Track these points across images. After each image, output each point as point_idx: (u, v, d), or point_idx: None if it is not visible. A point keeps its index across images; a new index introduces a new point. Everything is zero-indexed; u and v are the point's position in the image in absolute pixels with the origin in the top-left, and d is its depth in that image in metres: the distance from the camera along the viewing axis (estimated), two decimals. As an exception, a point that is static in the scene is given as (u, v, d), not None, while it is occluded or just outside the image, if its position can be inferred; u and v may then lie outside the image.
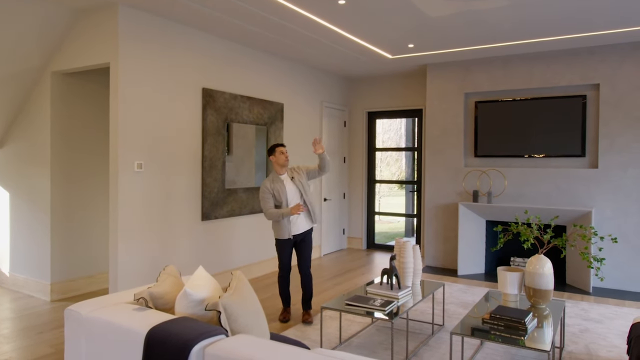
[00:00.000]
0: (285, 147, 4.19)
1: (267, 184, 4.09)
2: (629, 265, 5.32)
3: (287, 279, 4.25)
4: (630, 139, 5.31)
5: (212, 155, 5.07)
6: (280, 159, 4.12)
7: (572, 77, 5.61)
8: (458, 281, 5.71)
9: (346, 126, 7.84)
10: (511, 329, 2.84)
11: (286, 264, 4.20)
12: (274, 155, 4.16)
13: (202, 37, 4.97)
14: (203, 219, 4.99)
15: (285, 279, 4.24)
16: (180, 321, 2.09)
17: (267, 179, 4.14)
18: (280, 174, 4.17)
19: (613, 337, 3.82)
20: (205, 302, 2.29)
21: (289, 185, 4.16)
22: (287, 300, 4.31)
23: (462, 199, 6.26)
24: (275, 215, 4.04)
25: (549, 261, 3.28)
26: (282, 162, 4.13)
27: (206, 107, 4.99)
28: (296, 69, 6.53)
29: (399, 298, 3.46)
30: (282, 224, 4.12)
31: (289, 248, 4.19)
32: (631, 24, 4.68)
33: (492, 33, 5.04)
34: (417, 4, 4.15)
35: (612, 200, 5.40)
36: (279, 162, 4.13)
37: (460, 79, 6.30)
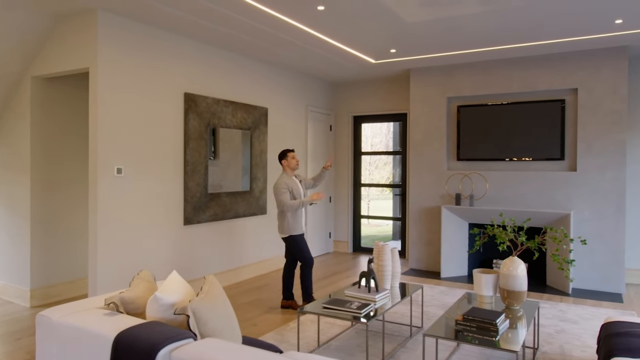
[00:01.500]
0: (294, 151, 4.65)
1: (285, 180, 4.51)
2: (606, 266, 5.40)
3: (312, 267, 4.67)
4: (607, 142, 5.40)
5: (194, 159, 5.08)
6: (292, 163, 4.57)
7: (551, 81, 5.70)
8: (441, 283, 5.76)
9: (332, 130, 7.88)
10: (483, 330, 2.88)
11: (311, 256, 4.61)
12: (286, 159, 4.58)
13: (183, 42, 5.00)
14: (185, 224, 5.00)
15: (312, 267, 4.64)
16: (149, 325, 2.11)
17: (282, 178, 4.54)
18: (293, 176, 4.64)
19: (588, 337, 3.88)
20: (175, 306, 2.31)
21: (300, 187, 4.66)
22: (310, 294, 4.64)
23: (445, 202, 6.32)
24: (297, 204, 4.43)
25: (522, 263, 3.33)
26: (293, 165, 4.59)
27: (188, 111, 5.01)
28: (280, 73, 6.57)
29: (376, 301, 3.49)
30: (298, 219, 4.53)
31: (305, 241, 4.63)
32: (606, 31, 4.77)
33: (471, 38, 5.11)
34: (394, 10, 4.20)
35: (590, 203, 5.48)
36: (290, 166, 4.58)
37: (443, 84, 6.37)
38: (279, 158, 4.65)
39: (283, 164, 4.61)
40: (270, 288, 5.51)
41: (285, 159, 4.59)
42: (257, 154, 6.05)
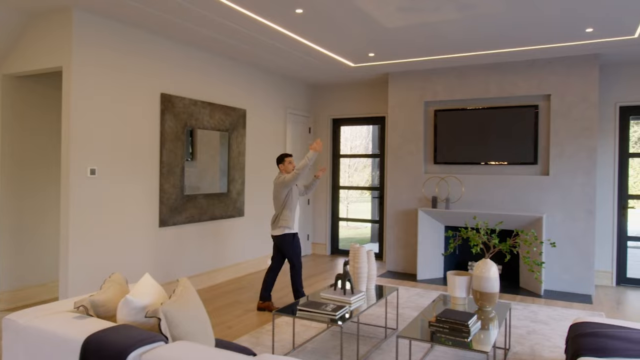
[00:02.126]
0: (292, 157, 4.77)
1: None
2: (577, 268, 5.53)
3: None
4: (578, 147, 5.54)
5: (170, 160, 5.03)
6: (288, 167, 4.69)
7: (525, 87, 5.83)
8: (417, 285, 5.82)
9: (311, 132, 7.90)
10: (455, 331, 2.93)
11: (300, 256, 4.69)
12: (283, 164, 4.72)
13: (160, 42, 4.95)
14: (160, 226, 4.94)
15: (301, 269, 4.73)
16: (119, 329, 2.08)
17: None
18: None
19: (557, 338, 3.97)
20: (147, 309, 2.28)
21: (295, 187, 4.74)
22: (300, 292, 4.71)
23: (422, 205, 6.39)
24: (303, 163, 4.43)
25: (494, 265, 3.40)
26: (289, 170, 4.70)
27: (165, 112, 4.96)
28: (259, 75, 6.56)
29: (352, 303, 3.51)
30: (294, 220, 4.64)
31: (297, 240, 4.70)
32: (577, 39, 4.90)
33: (448, 44, 5.19)
34: (373, 14, 4.24)
35: (561, 206, 5.61)
36: (287, 170, 4.70)
37: (420, 88, 6.45)
38: (277, 161, 4.80)
39: (280, 168, 4.75)
40: (246, 291, 5.48)
41: (283, 164, 4.73)
42: (235, 156, 6.02)
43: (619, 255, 5.92)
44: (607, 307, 4.98)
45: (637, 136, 10.84)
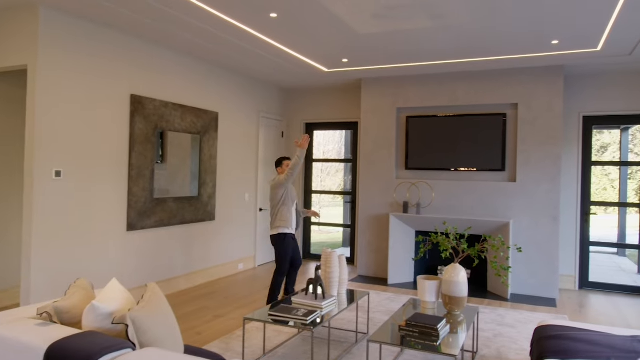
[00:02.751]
0: (290, 160, 4.79)
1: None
2: (542, 272, 5.69)
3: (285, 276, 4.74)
4: (543, 155, 5.72)
5: (140, 163, 4.93)
6: (285, 170, 4.70)
7: (494, 96, 5.98)
8: (388, 290, 5.87)
9: (284, 137, 7.88)
10: (425, 335, 2.96)
11: (288, 262, 4.68)
12: (281, 167, 4.80)
13: (131, 42, 4.86)
14: (128, 230, 4.84)
15: (284, 275, 4.71)
16: (85, 336, 2.02)
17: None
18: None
19: (523, 341, 4.07)
20: (114, 315, 2.23)
21: (294, 190, 4.81)
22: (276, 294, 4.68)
23: (393, 210, 6.46)
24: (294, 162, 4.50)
25: (463, 270, 3.46)
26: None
27: (134, 114, 4.86)
28: (231, 78, 6.51)
29: (323, 307, 3.51)
30: (289, 220, 4.62)
31: (290, 242, 4.67)
32: (543, 50, 5.06)
33: (420, 52, 5.28)
34: (347, 21, 4.28)
35: (527, 212, 5.77)
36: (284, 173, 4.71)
37: (393, 94, 6.53)
38: (275, 164, 4.90)
39: (278, 171, 4.84)
40: (216, 296, 5.41)
41: (280, 167, 4.82)
42: (206, 159, 5.95)
43: (581, 260, 6.12)
44: (570, 311, 5.14)
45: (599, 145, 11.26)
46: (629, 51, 5.01)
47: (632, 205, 7.53)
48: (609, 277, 6.86)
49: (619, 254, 9.02)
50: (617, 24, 4.19)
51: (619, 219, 8.69)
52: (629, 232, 8.67)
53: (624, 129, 8.21)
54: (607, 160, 9.98)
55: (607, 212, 12.63)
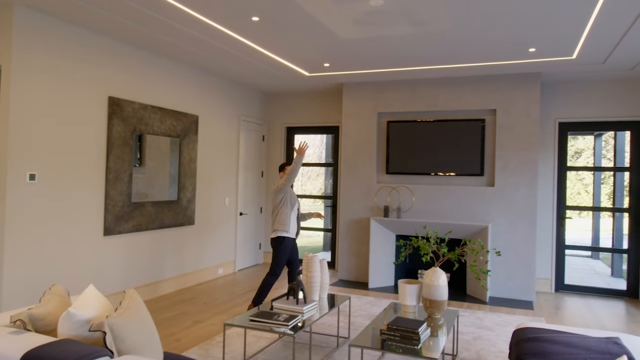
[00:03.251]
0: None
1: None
2: (520, 275, 5.78)
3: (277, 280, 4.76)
4: (521, 160, 5.82)
5: (117, 166, 4.85)
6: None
7: (473, 102, 6.07)
8: (368, 294, 5.88)
9: (264, 140, 7.85)
10: (406, 339, 2.97)
11: (283, 265, 4.71)
12: (283, 172, 4.90)
13: (109, 44, 4.78)
14: (105, 234, 4.74)
15: (276, 279, 4.72)
16: (60, 344, 1.97)
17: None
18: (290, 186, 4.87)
19: (502, 343, 4.13)
20: (91, 322, 2.17)
21: (295, 195, 4.89)
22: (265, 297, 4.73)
23: (374, 214, 6.48)
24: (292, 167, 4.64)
25: (443, 273, 3.49)
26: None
27: (112, 116, 4.78)
28: (212, 81, 6.46)
29: (304, 312, 3.50)
30: (288, 224, 4.70)
31: (289, 249, 4.74)
32: (521, 57, 5.16)
33: (401, 58, 5.33)
34: (328, 25, 4.29)
35: (505, 217, 5.86)
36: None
37: (374, 99, 6.57)
38: (279, 169, 5.04)
39: (280, 175, 4.95)
40: (196, 301, 5.34)
41: (283, 172, 4.92)
42: (186, 163, 5.88)
43: (557, 263, 6.25)
44: (547, 313, 5.23)
45: (573, 150, 11.53)
46: (603, 60, 5.14)
47: (605, 210, 7.75)
48: (584, 280, 7.02)
49: (593, 257, 9.24)
50: (591, 33, 4.30)
51: (593, 223, 8.91)
52: (602, 235, 8.90)
53: (598, 135, 8.44)
54: (581, 166, 10.23)
55: (582, 216, 12.93)
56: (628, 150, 6.13)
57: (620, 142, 6.91)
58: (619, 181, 7.34)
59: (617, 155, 7.01)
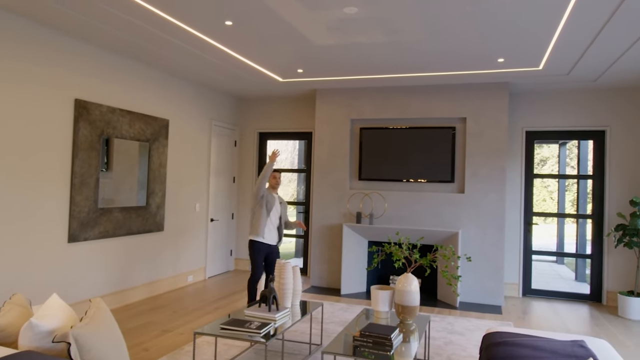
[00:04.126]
0: (278, 172, 4.99)
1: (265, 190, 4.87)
2: (489, 280, 5.89)
3: (257, 282, 4.84)
4: (490, 168, 5.95)
5: (83, 171, 4.70)
6: (271, 182, 4.97)
7: (444, 110, 6.17)
8: (341, 300, 5.88)
9: (237, 146, 7.78)
10: (379, 345, 2.97)
11: (260, 268, 4.83)
12: (271, 178, 4.98)
13: (77, 46, 4.65)
14: (70, 241, 4.58)
15: (256, 281, 4.84)
16: (21, 356, 1.89)
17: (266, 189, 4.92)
18: (272, 193, 4.95)
19: (472, 347, 4.18)
20: (54, 333, 2.09)
21: (276, 203, 4.95)
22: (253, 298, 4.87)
23: (347, 220, 6.50)
24: (263, 172, 4.76)
25: (415, 279, 3.51)
26: (272, 184, 4.97)
27: (79, 119, 4.64)
28: (184, 85, 6.37)
29: (277, 320, 3.46)
30: (260, 228, 4.78)
31: (263, 252, 4.83)
32: (490, 67, 5.29)
33: (374, 65, 5.37)
34: (302, 31, 4.29)
35: (475, 223, 5.97)
36: (270, 184, 4.98)
37: (347, 106, 6.60)
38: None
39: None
40: (164, 309, 5.22)
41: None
42: (155, 168, 5.76)
43: (524, 268, 6.39)
44: (515, 317, 5.34)
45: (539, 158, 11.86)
46: (567, 71, 5.32)
47: (569, 216, 7.97)
48: (550, 285, 7.21)
49: (558, 262, 9.51)
50: (557, 46, 4.45)
51: (558, 229, 9.18)
52: (567, 241, 9.18)
53: (562, 144, 8.72)
54: (547, 173, 10.53)
55: (547, 222, 13.31)
56: (591, 159, 6.34)
57: (583, 151, 7.15)
58: (583, 188, 7.59)
59: (580, 164, 7.25)
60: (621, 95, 6.09)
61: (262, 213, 4.79)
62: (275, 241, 4.94)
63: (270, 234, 4.85)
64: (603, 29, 3.96)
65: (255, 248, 4.78)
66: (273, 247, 4.91)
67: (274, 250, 4.93)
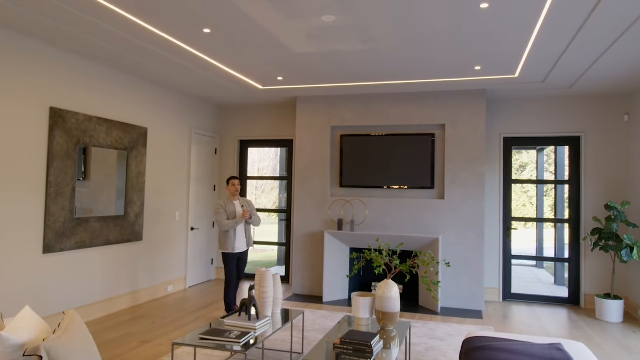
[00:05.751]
0: (237, 179, 5.31)
1: (220, 202, 5.19)
2: (469, 286, 5.94)
3: (233, 286, 5.25)
4: (469, 174, 6.02)
5: (59, 180, 4.61)
6: (231, 189, 5.28)
7: (423, 117, 6.24)
8: (323, 308, 5.86)
9: (217, 154, 7.73)
10: (359, 352, 2.97)
11: (232, 273, 5.22)
12: (228, 186, 5.31)
13: (51, 52, 4.58)
14: (45, 252, 4.48)
15: (231, 285, 5.23)
16: (-11, 371, 1.83)
17: (220, 200, 5.22)
18: (233, 200, 5.27)
19: (453, 352, 4.20)
20: (26, 346, 2.03)
21: (239, 208, 5.25)
22: (230, 305, 5.25)
23: (328, 227, 6.50)
24: (230, 224, 5.08)
25: (395, 285, 3.52)
26: (232, 191, 5.27)
27: (54, 128, 4.56)
28: (162, 93, 6.32)
29: (257, 328, 3.43)
30: (229, 241, 5.13)
31: (233, 260, 5.21)
32: (467, 75, 5.37)
33: (353, 73, 5.41)
34: (281, 39, 4.30)
35: (455, 228, 6.02)
36: (230, 191, 5.29)
37: (327, 113, 6.62)
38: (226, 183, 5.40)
39: (227, 188, 5.35)
40: (143, 320, 5.13)
41: (227, 186, 5.33)
42: (133, 176, 5.68)
43: (504, 272, 6.47)
44: (495, 322, 5.39)
45: (518, 164, 12.05)
46: (542, 78, 5.43)
47: (547, 221, 8.13)
48: (529, 289, 7.30)
49: (537, 266, 9.65)
50: (532, 54, 4.54)
51: (537, 234, 9.32)
52: (546, 245, 9.32)
53: (540, 150, 8.88)
54: (526, 179, 10.71)
55: (527, 227, 13.50)
56: (567, 164, 6.47)
57: (560, 157, 7.30)
58: (560, 193, 7.74)
59: (557, 169, 7.39)
60: (596, 102, 6.24)
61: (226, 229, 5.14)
62: (245, 248, 5.31)
63: (239, 242, 5.22)
64: (575, 37, 4.06)
65: (228, 259, 5.20)
66: (243, 253, 5.32)
67: (244, 255, 5.36)
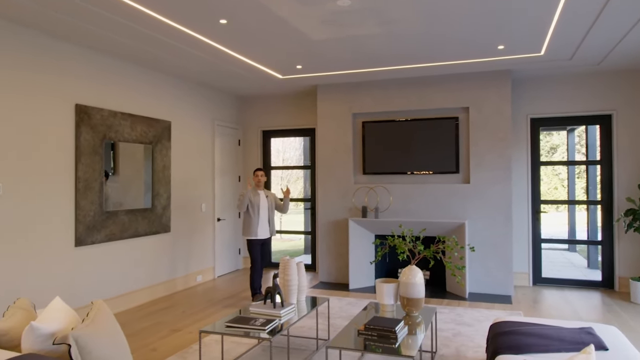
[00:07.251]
0: (261, 171, 5.57)
1: (247, 193, 5.43)
2: (498, 270, 5.84)
3: (259, 271, 5.50)
4: (495, 157, 5.89)
5: (87, 176, 4.74)
6: (254, 180, 5.54)
7: (445, 100, 6.12)
8: (349, 295, 5.87)
9: (240, 145, 7.79)
10: (384, 338, 2.96)
11: (256, 259, 5.48)
12: (255, 176, 5.56)
13: (75, 51, 4.68)
14: (77, 245, 4.62)
15: (257, 271, 5.48)
16: (23, 359, 1.90)
17: (248, 191, 5.46)
18: (257, 191, 5.53)
19: (480, 338, 4.15)
20: (55, 335, 2.11)
21: (263, 198, 5.51)
22: (255, 289, 5.50)
23: (352, 214, 6.48)
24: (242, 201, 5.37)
25: (420, 271, 3.49)
26: (255, 182, 5.53)
27: (80, 124, 4.67)
28: (184, 86, 6.38)
29: (282, 316, 3.46)
30: (252, 227, 5.42)
31: (257, 246, 5.48)
32: (490, 55, 5.22)
33: (372, 58, 5.34)
34: (297, 26, 4.27)
35: (482, 213, 5.92)
36: (255, 182, 5.54)
37: (348, 100, 6.57)
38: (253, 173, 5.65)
39: (251, 179, 5.59)
40: (173, 309, 5.25)
41: (253, 177, 5.57)
42: (159, 170, 5.79)
43: (534, 257, 6.33)
44: (525, 306, 5.29)
45: (549, 146, 11.72)
46: (570, 56, 5.24)
47: (580, 203, 7.89)
48: (561, 272, 7.13)
49: (570, 249, 9.41)
50: (557, 30, 4.38)
51: (569, 216, 9.08)
52: (579, 228, 9.07)
53: (570, 130, 8.61)
54: (556, 160, 10.42)
55: (559, 210, 13.16)
56: (598, 144, 6.25)
57: (591, 136, 7.05)
58: (592, 175, 7.49)
59: (589, 149, 7.15)
60: (626, 78, 5.99)
61: (251, 214, 5.42)
62: (268, 235, 5.56)
63: (262, 230, 5.47)
64: (603, 9, 3.89)
65: (252, 245, 5.46)
66: (266, 240, 5.58)
67: (267, 242, 5.66)
